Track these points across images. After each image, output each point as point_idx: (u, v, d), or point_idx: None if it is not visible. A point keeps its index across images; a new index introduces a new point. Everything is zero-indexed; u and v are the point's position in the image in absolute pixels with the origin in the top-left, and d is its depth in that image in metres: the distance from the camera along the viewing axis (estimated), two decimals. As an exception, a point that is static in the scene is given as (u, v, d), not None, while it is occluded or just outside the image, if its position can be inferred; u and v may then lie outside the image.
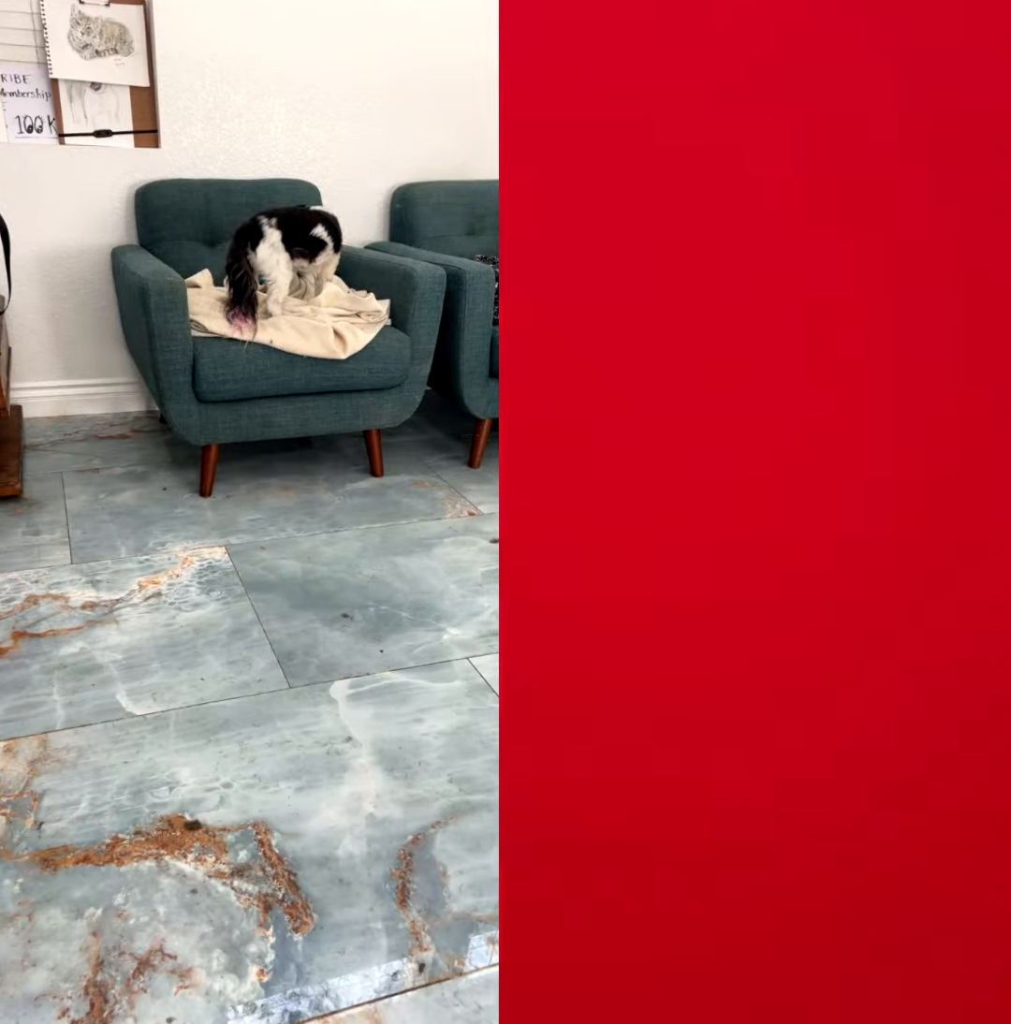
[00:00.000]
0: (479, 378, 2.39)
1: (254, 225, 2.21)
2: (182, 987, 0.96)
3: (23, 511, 2.14)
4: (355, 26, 2.73)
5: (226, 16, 2.59)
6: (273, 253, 2.22)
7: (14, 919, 1.03)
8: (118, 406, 2.90)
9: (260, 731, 1.38)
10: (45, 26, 2.43)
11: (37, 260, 2.64)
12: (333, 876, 1.11)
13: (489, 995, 0.97)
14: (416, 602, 1.79)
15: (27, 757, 1.30)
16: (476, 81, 2.93)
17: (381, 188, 2.94)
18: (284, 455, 2.58)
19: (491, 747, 1.37)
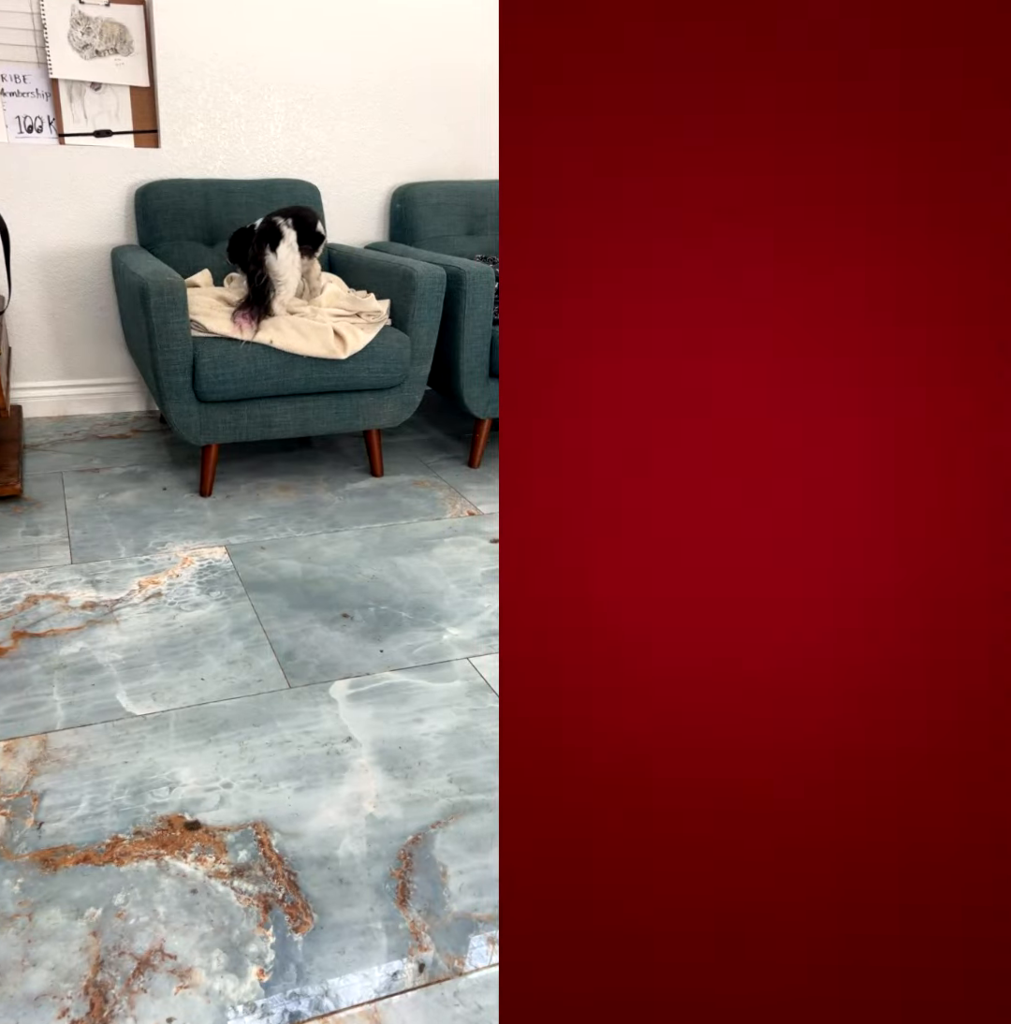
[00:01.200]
0: (479, 378, 2.39)
1: (272, 227, 2.22)
2: (182, 987, 0.96)
3: (23, 511, 2.14)
4: (355, 26, 2.73)
5: (226, 16, 2.58)
6: (290, 253, 2.23)
7: (14, 919, 1.03)
8: (118, 406, 2.90)
9: (260, 731, 1.38)
10: (45, 26, 2.43)
11: (37, 260, 2.64)
12: (333, 876, 1.11)
13: (489, 995, 0.97)
14: (416, 602, 1.79)
15: (27, 757, 1.30)
16: (476, 81, 2.93)
17: (381, 188, 2.94)
18: (284, 455, 2.58)
19: (491, 747, 1.37)
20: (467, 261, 2.35)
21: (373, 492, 2.35)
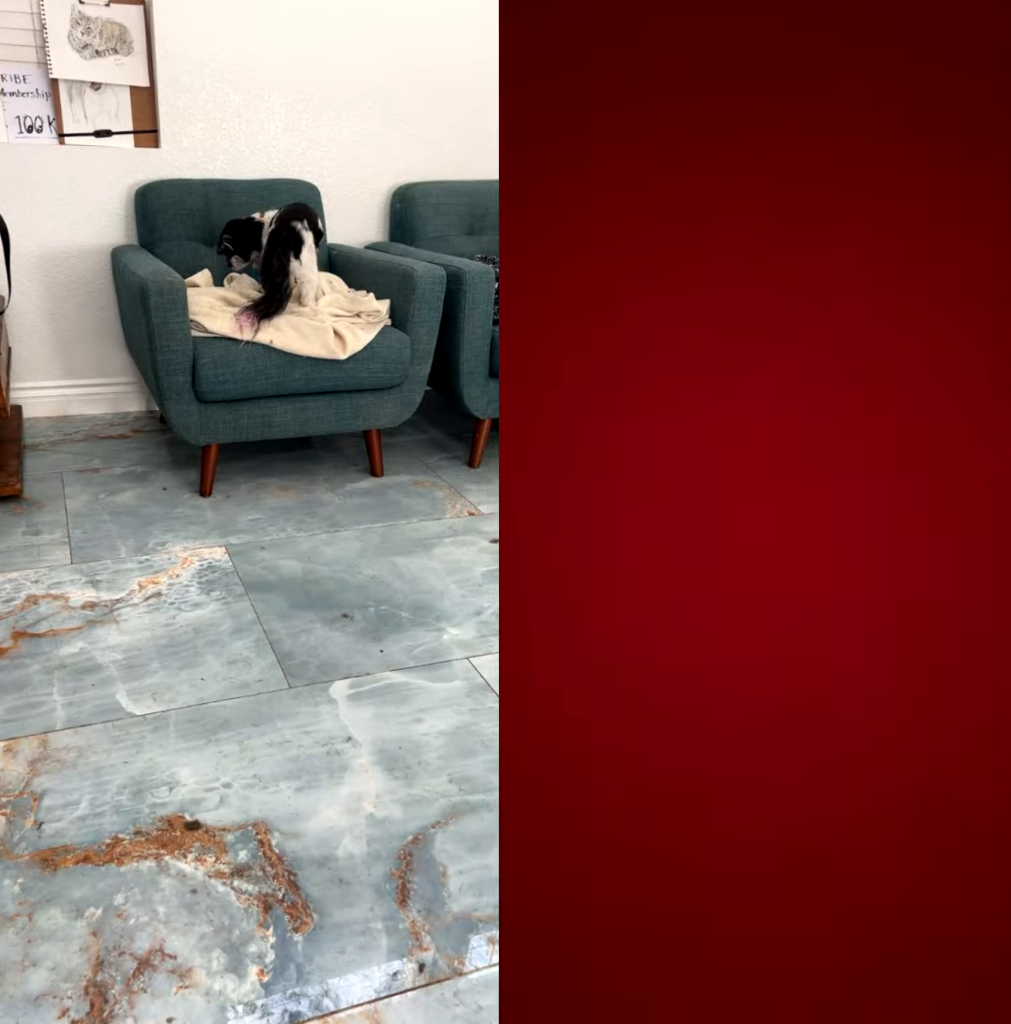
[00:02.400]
0: (479, 378, 2.39)
1: (293, 233, 2.23)
2: (182, 987, 0.96)
3: (23, 511, 2.14)
4: (355, 26, 2.73)
5: (226, 16, 2.59)
6: (311, 256, 2.25)
7: (14, 919, 1.03)
8: (118, 406, 2.90)
9: (260, 731, 1.38)
10: (45, 26, 2.43)
11: (37, 260, 2.64)
12: (333, 876, 1.11)
13: (489, 995, 0.97)
14: (416, 602, 1.79)
15: (27, 757, 1.30)
16: (476, 81, 2.93)
17: (381, 188, 2.94)
18: (284, 455, 2.58)
19: (491, 747, 1.37)
20: (467, 261, 2.35)
21: (373, 492, 2.35)
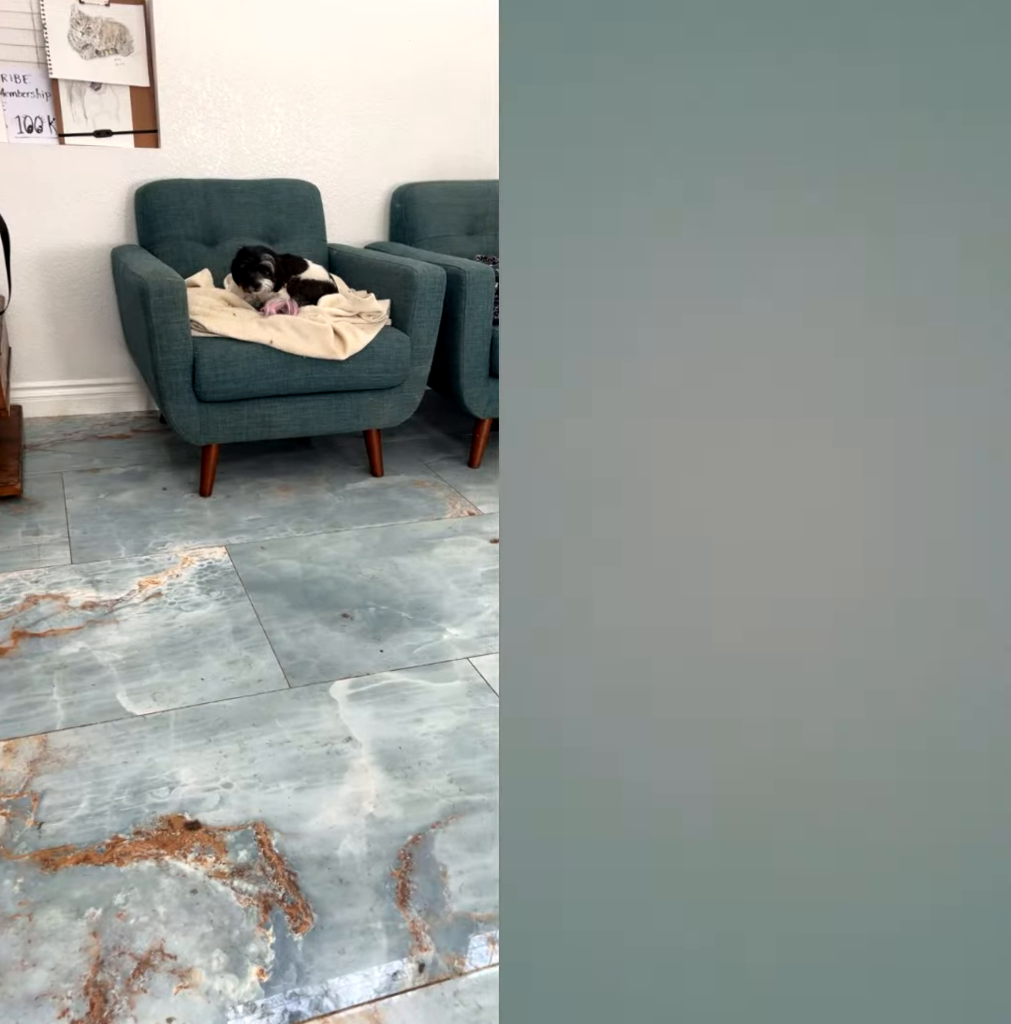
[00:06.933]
0: (479, 378, 2.39)
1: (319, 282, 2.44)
2: (182, 987, 0.96)
3: (23, 511, 2.14)
4: (355, 26, 2.73)
5: (226, 16, 2.59)
6: None
7: (14, 919, 1.03)
8: (118, 406, 2.90)
9: (260, 731, 1.38)
10: (45, 26, 2.43)
11: (37, 260, 2.64)
12: (333, 876, 1.11)
13: (489, 995, 0.97)
14: (416, 602, 1.79)
15: (27, 757, 1.30)
16: (477, 81, 2.93)
17: (381, 188, 2.94)
18: (284, 455, 2.59)
19: (491, 747, 1.37)
20: (467, 261, 2.35)
21: (373, 492, 2.35)
